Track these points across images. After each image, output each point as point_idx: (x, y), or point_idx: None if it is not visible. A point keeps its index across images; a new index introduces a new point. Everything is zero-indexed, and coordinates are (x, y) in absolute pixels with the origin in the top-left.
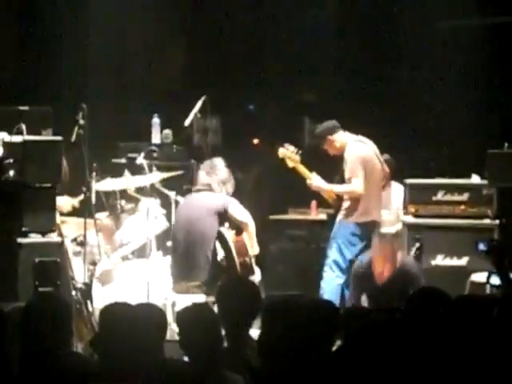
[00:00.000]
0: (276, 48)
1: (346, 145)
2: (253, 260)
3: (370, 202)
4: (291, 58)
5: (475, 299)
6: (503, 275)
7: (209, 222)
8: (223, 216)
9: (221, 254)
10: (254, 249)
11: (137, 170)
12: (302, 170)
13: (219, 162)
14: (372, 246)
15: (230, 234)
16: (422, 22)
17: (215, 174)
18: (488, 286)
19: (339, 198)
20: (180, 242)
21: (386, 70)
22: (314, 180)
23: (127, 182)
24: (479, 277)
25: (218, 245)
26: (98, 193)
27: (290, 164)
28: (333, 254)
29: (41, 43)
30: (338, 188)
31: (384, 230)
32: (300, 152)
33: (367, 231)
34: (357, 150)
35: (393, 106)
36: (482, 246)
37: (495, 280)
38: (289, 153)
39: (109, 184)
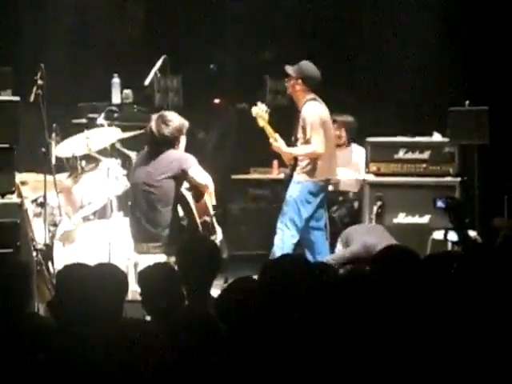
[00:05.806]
0: (237, 7)
1: (304, 100)
2: (214, 219)
3: (327, 160)
4: (252, 17)
5: (440, 257)
6: (461, 232)
7: (169, 183)
8: (183, 177)
9: (181, 215)
10: (212, 203)
11: None
12: (269, 129)
13: (171, 114)
14: None
15: (190, 195)
16: None
17: (170, 125)
18: (449, 243)
19: (295, 159)
20: (140, 203)
21: (347, 29)
22: (279, 142)
23: (88, 143)
24: (441, 234)
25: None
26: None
27: (261, 123)
28: (290, 212)
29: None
30: (300, 150)
31: (345, 188)
32: (269, 111)
33: (322, 189)
34: (316, 109)
35: (354, 65)
36: (440, 204)
37: (452, 236)
38: (260, 111)
39: (70, 148)
